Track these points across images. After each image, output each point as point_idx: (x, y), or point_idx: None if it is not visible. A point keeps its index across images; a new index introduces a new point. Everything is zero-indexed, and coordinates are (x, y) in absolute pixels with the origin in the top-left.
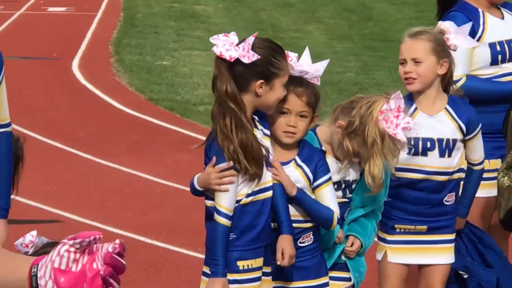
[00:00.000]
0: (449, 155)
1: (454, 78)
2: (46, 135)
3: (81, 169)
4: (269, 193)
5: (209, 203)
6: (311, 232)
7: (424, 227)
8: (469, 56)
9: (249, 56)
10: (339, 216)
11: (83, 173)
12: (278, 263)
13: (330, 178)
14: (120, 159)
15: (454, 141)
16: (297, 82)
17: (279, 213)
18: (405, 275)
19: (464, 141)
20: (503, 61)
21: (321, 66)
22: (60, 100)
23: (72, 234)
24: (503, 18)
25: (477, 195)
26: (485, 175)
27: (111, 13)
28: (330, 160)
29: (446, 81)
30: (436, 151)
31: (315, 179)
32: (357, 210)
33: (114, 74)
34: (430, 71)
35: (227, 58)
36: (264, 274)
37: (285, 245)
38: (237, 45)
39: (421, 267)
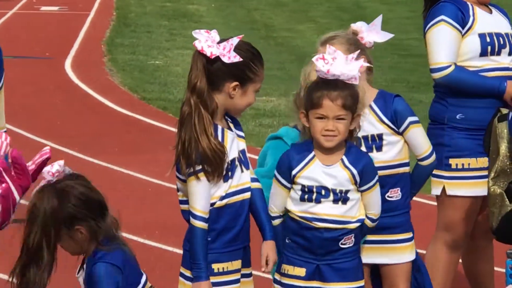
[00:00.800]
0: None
1: (438, 66)
2: (39, 135)
3: (74, 168)
4: (246, 195)
5: (183, 207)
6: (353, 235)
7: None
8: (457, 45)
9: (230, 56)
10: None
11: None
12: (262, 269)
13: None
14: (113, 158)
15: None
16: (331, 86)
17: (260, 217)
18: (368, 275)
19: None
20: (492, 53)
21: (355, 65)
22: (53, 99)
23: None
24: (491, 13)
25: (464, 194)
26: (472, 173)
27: (104, 12)
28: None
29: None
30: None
31: (362, 183)
32: None
33: (107, 74)
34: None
35: (208, 54)
36: (244, 275)
37: (269, 251)
38: (218, 43)
39: (381, 266)
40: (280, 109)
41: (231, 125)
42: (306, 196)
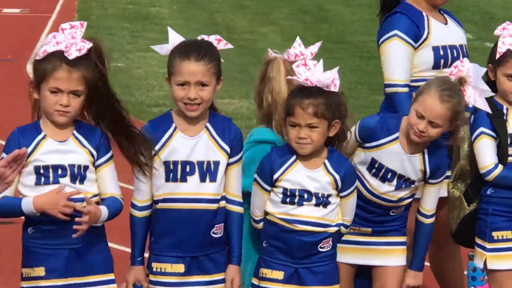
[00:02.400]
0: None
1: (393, 82)
2: (2, 137)
3: None
4: (199, 205)
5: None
6: (331, 239)
7: (369, 229)
8: (409, 61)
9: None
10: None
11: None
12: None
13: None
14: None
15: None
16: (304, 94)
17: (231, 240)
18: (353, 276)
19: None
20: (445, 65)
21: (331, 74)
22: (16, 101)
23: None
24: (446, 23)
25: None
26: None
27: (66, 14)
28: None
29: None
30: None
31: (343, 189)
32: None
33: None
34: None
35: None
36: (195, 283)
37: (234, 276)
38: None
39: (372, 269)
40: (242, 111)
41: (213, 132)
42: (288, 199)
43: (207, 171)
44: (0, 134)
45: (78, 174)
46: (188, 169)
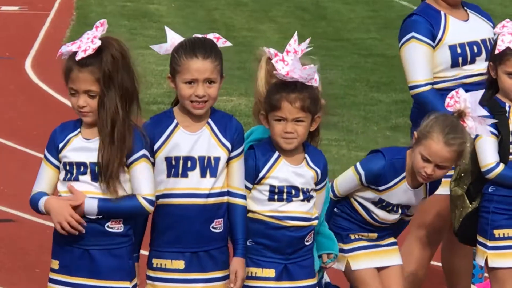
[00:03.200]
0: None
1: (415, 83)
2: (0, 135)
3: (36, 168)
4: (199, 200)
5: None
6: (312, 232)
7: (375, 234)
8: (430, 60)
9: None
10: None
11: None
12: (231, 286)
13: (327, 181)
14: None
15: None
16: (289, 88)
17: (235, 232)
18: (378, 276)
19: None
20: (464, 63)
21: (311, 71)
22: (14, 99)
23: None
24: (467, 20)
25: (439, 192)
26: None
27: (64, 12)
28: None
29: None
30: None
31: (320, 182)
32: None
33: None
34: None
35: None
36: (194, 281)
37: (238, 268)
38: None
39: (379, 270)
40: (241, 108)
41: (215, 128)
42: (275, 197)
43: (208, 167)
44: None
45: (99, 173)
46: (189, 164)
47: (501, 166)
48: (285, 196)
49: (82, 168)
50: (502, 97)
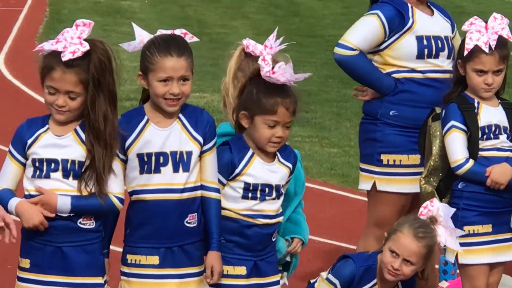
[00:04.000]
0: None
1: (345, 43)
2: None
3: None
4: (172, 195)
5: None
6: (278, 228)
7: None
8: (373, 38)
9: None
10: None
11: None
12: (207, 281)
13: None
14: None
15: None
16: (284, 93)
17: (209, 226)
18: None
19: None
20: (429, 56)
21: (302, 76)
22: None
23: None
24: (432, 15)
25: (394, 190)
26: (404, 170)
27: (37, 8)
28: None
29: None
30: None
31: (290, 174)
32: (287, 204)
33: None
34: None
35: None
36: (168, 276)
37: (214, 262)
38: None
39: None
40: (214, 105)
41: (186, 122)
42: (249, 194)
43: (180, 161)
44: None
45: (71, 170)
46: (161, 160)
47: (471, 162)
48: (258, 195)
49: (53, 165)
50: (471, 94)
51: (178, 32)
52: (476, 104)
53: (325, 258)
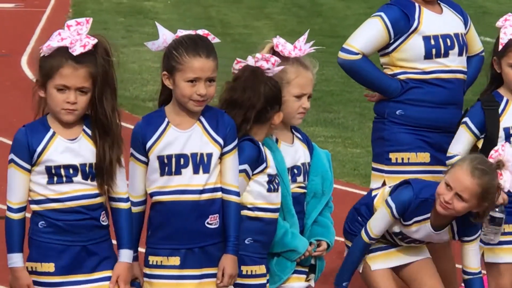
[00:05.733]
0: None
1: (349, 48)
2: None
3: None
4: (192, 196)
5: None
6: None
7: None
8: (377, 42)
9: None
10: None
11: None
12: (218, 282)
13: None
14: None
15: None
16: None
17: (227, 229)
18: (394, 277)
19: None
20: (438, 55)
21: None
22: (9, 96)
23: None
24: (441, 13)
25: None
26: (413, 168)
27: (60, 9)
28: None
29: None
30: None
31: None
32: (315, 204)
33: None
34: None
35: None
36: (189, 277)
37: (226, 265)
38: None
39: (398, 270)
40: None
41: (206, 124)
42: (272, 187)
43: (201, 163)
44: None
45: (90, 172)
46: (182, 162)
47: (457, 158)
48: (275, 186)
49: (71, 170)
50: (504, 91)
51: (200, 32)
52: (504, 103)
53: None
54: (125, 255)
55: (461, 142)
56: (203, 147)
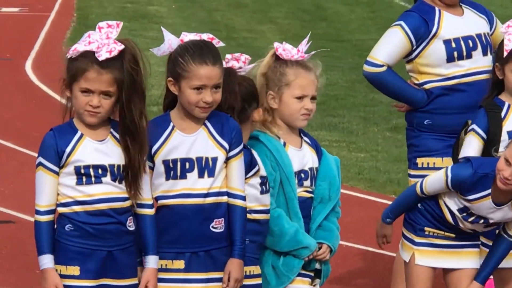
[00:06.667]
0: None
1: (373, 61)
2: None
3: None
4: (196, 200)
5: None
6: None
7: (453, 234)
8: (400, 51)
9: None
10: None
11: None
12: (224, 286)
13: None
14: None
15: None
16: None
17: (233, 233)
18: (432, 279)
19: None
20: (460, 58)
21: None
22: (14, 100)
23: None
24: (462, 15)
25: None
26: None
27: (64, 13)
28: (291, 149)
29: None
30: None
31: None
32: (320, 209)
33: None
34: None
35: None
36: (194, 280)
37: (232, 269)
38: None
39: (446, 272)
40: None
41: (211, 129)
42: (265, 188)
43: (206, 167)
44: None
45: (118, 174)
46: (187, 166)
47: None
48: (267, 187)
49: (100, 171)
50: (507, 97)
51: (205, 36)
52: (506, 108)
53: (353, 262)
54: (152, 261)
55: (472, 149)
56: (209, 151)
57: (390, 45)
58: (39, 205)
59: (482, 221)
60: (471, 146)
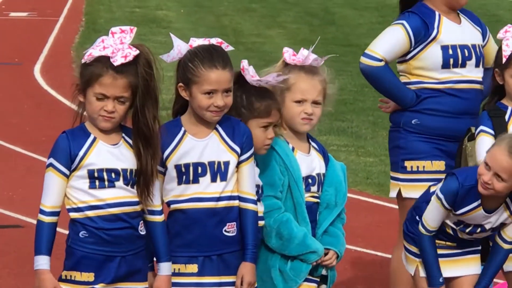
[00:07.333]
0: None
1: (372, 54)
2: (8, 140)
3: (42, 174)
4: (209, 204)
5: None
6: None
7: (454, 243)
8: (399, 48)
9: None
10: None
11: None
12: None
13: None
14: None
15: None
16: (271, 96)
17: (245, 237)
18: None
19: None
20: (455, 65)
21: (282, 78)
22: (22, 105)
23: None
24: (460, 23)
25: (418, 196)
26: (428, 176)
27: (73, 18)
28: (299, 154)
29: None
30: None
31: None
32: (326, 215)
33: (76, 79)
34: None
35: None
36: (207, 284)
37: (245, 273)
38: None
39: (449, 280)
40: None
41: (223, 133)
42: (259, 197)
43: (218, 171)
44: (4, 136)
45: (131, 179)
46: (200, 170)
47: None
48: (261, 195)
49: (113, 175)
50: (508, 101)
51: (213, 41)
52: (509, 112)
53: (361, 267)
54: (165, 268)
55: (487, 147)
56: (220, 155)
57: (390, 42)
58: (44, 205)
59: (479, 229)
60: (484, 145)
